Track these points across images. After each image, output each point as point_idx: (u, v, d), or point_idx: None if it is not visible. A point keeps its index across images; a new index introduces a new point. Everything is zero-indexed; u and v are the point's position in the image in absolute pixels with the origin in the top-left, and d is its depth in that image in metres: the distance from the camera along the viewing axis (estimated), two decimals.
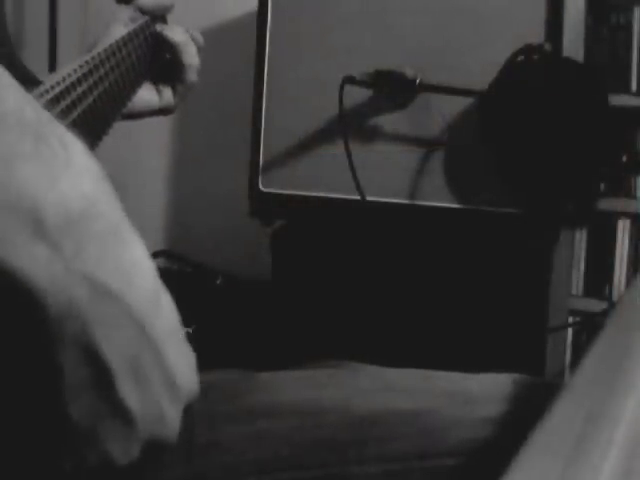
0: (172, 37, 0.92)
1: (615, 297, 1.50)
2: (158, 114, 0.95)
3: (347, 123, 1.35)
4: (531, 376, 0.67)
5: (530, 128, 1.23)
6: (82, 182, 0.40)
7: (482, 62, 1.33)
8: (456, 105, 1.37)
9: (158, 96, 0.93)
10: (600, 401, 0.35)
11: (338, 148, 1.37)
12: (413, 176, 1.41)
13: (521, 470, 0.30)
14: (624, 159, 1.48)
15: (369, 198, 1.35)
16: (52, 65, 2.01)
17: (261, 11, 1.46)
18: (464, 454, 0.59)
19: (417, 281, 1.46)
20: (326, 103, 1.40)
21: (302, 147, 1.45)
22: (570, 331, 1.52)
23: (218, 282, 1.78)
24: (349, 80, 1.33)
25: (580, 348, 1.51)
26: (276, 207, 1.48)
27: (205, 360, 0.46)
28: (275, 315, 1.56)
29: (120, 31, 0.84)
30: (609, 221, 1.52)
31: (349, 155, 1.32)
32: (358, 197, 1.33)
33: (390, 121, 1.41)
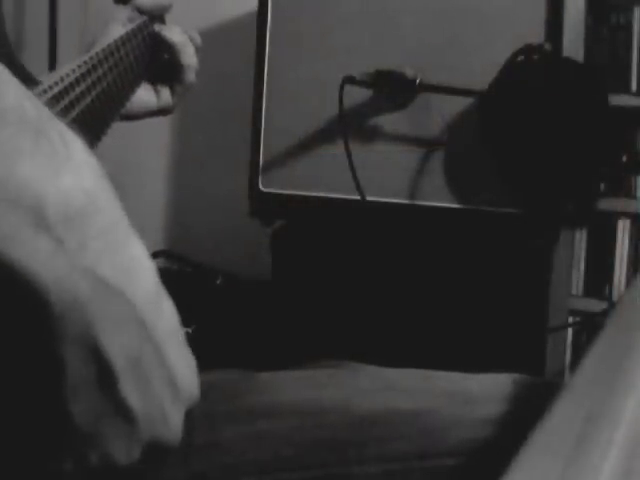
0: (170, 37, 0.92)
1: (615, 297, 1.50)
2: (156, 114, 0.95)
3: (347, 123, 1.35)
4: (531, 376, 0.66)
5: (530, 128, 1.23)
6: (83, 178, 0.40)
7: (482, 62, 1.33)
8: (456, 105, 1.37)
9: (156, 96, 0.93)
10: (600, 401, 0.35)
11: (338, 148, 1.37)
12: (413, 176, 1.41)
13: (521, 470, 0.29)
14: (624, 159, 1.48)
15: (369, 198, 1.34)
16: (52, 65, 2.01)
17: (261, 11, 1.46)
18: (464, 454, 0.59)
19: (417, 281, 1.46)
20: (326, 103, 1.40)
21: (302, 147, 1.45)
22: (570, 331, 1.52)
23: (218, 282, 1.78)
24: (349, 80, 1.33)
25: (580, 348, 1.51)
26: (276, 207, 1.48)
27: (205, 360, 0.46)
28: (275, 315, 1.56)
29: (118, 31, 0.84)
30: (609, 221, 1.52)
31: (349, 155, 1.32)
32: (358, 197, 1.33)
33: (390, 121, 1.41)
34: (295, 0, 1.45)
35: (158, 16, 0.94)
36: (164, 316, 0.43)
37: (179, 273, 1.86)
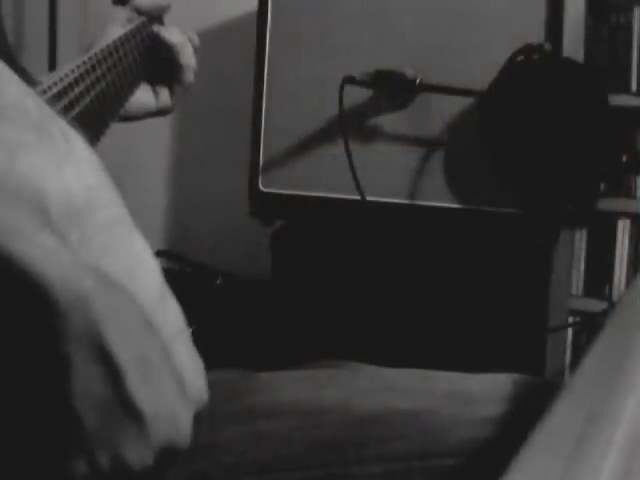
0: (169, 38, 0.92)
1: (615, 297, 1.50)
2: (155, 115, 0.95)
3: (347, 123, 1.35)
4: (531, 376, 0.66)
5: (530, 128, 1.23)
6: (85, 174, 0.40)
7: (482, 62, 1.33)
8: (456, 105, 1.37)
9: (155, 97, 0.93)
10: (600, 401, 0.35)
11: (338, 148, 1.37)
12: (413, 176, 1.41)
13: (521, 470, 0.29)
14: (624, 159, 1.48)
15: (369, 198, 1.34)
16: (52, 66, 2.01)
17: (261, 11, 1.46)
18: (464, 454, 0.59)
19: (417, 281, 1.46)
20: (326, 103, 1.40)
21: (302, 147, 1.45)
22: (570, 331, 1.52)
23: (218, 282, 1.78)
24: (349, 80, 1.33)
25: (580, 348, 1.51)
26: (276, 207, 1.48)
27: (205, 360, 0.46)
28: (275, 315, 1.56)
29: (117, 32, 0.84)
30: (609, 221, 1.52)
31: (349, 155, 1.32)
32: (358, 197, 1.33)
33: (390, 121, 1.41)
34: (295, 0, 1.45)
35: (157, 17, 0.94)
36: (170, 316, 0.42)
37: (179, 273, 1.85)
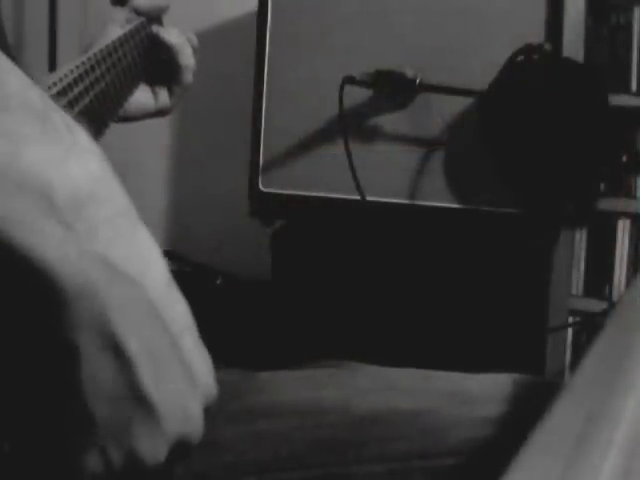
0: (168, 38, 0.92)
1: (615, 297, 1.50)
2: (154, 116, 0.95)
3: (347, 123, 1.35)
4: (531, 376, 0.66)
5: (530, 128, 1.23)
6: (89, 164, 0.40)
7: (482, 62, 1.33)
8: (456, 105, 1.37)
9: (154, 98, 0.93)
10: (600, 401, 0.35)
11: (338, 148, 1.37)
12: (413, 176, 1.41)
13: (521, 470, 0.29)
14: (624, 159, 1.48)
15: (369, 198, 1.34)
16: (52, 67, 2.01)
17: (261, 11, 1.46)
18: (464, 454, 0.59)
19: (417, 281, 1.46)
20: (326, 103, 1.40)
21: (302, 147, 1.45)
22: (570, 331, 1.52)
23: (218, 282, 1.78)
24: (349, 80, 1.33)
25: (580, 348, 1.51)
26: (276, 207, 1.48)
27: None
28: (275, 315, 1.56)
29: (116, 32, 0.84)
30: (609, 221, 1.52)
31: (349, 155, 1.32)
32: (358, 197, 1.33)
33: (390, 121, 1.41)
34: (295, 0, 1.45)
35: (156, 17, 0.94)
36: (177, 310, 0.41)
37: (179, 273, 1.85)
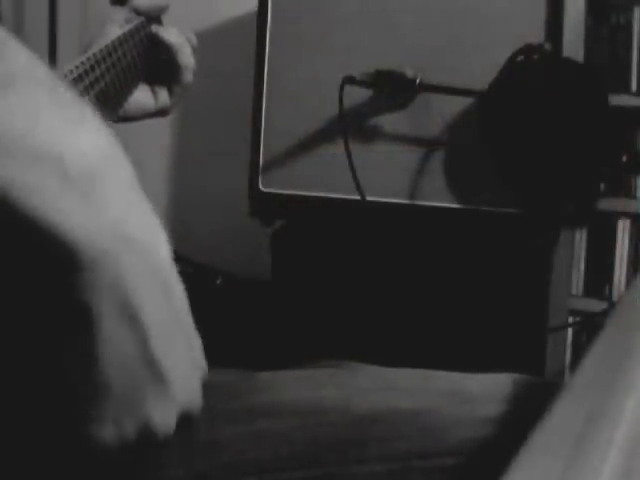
0: (168, 38, 0.91)
1: (615, 297, 1.50)
2: (154, 116, 0.95)
3: (347, 123, 1.35)
4: (531, 376, 0.66)
5: (530, 128, 1.23)
6: (99, 137, 0.40)
7: (482, 62, 1.33)
8: (456, 105, 1.37)
9: (154, 98, 0.93)
10: (600, 401, 0.35)
11: (338, 148, 1.37)
12: (413, 176, 1.41)
13: (521, 470, 0.29)
14: (624, 159, 1.48)
15: (369, 198, 1.35)
16: (52, 67, 2.01)
17: (261, 11, 1.46)
18: (464, 454, 0.59)
19: (417, 281, 1.46)
20: (326, 103, 1.40)
21: (302, 147, 1.45)
22: (570, 331, 1.52)
23: (218, 282, 1.78)
24: (349, 80, 1.33)
25: (580, 348, 1.51)
26: (276, 207, 1.48)
27: (205, 360, 0.46)
28: (275, 315, 1.56)
29: (115, 32, 0.84)
30: (609, 221, 1.52)
31: (349, 155, 1.32)
32: (358, 197, 1.33)
33: (390, 121, 1.41)
34: (295, 0, 1.45)
35: (155, 17, 0.94)
36: (178, 288, 0.43)
37: (179, 273, 1.85)
